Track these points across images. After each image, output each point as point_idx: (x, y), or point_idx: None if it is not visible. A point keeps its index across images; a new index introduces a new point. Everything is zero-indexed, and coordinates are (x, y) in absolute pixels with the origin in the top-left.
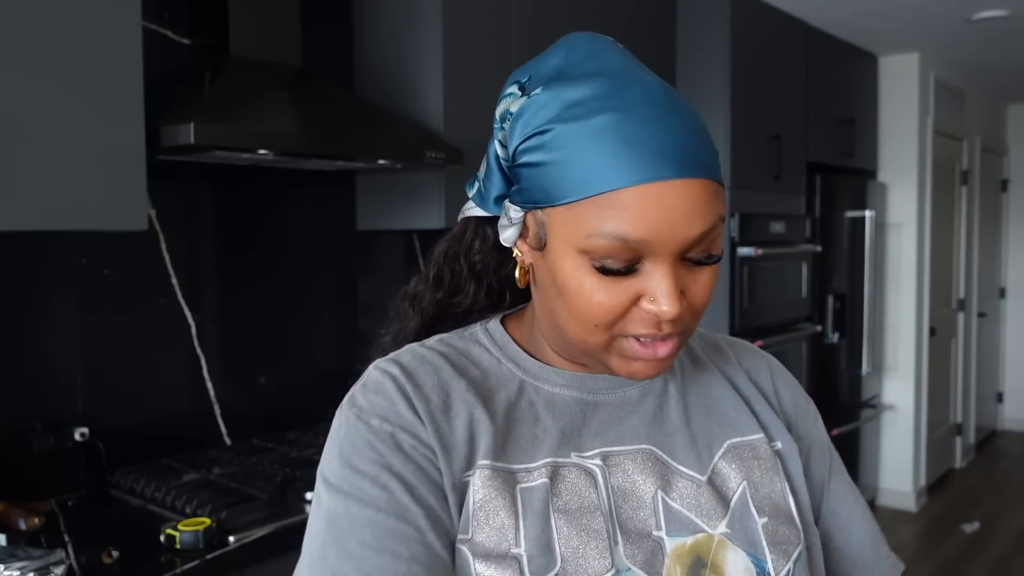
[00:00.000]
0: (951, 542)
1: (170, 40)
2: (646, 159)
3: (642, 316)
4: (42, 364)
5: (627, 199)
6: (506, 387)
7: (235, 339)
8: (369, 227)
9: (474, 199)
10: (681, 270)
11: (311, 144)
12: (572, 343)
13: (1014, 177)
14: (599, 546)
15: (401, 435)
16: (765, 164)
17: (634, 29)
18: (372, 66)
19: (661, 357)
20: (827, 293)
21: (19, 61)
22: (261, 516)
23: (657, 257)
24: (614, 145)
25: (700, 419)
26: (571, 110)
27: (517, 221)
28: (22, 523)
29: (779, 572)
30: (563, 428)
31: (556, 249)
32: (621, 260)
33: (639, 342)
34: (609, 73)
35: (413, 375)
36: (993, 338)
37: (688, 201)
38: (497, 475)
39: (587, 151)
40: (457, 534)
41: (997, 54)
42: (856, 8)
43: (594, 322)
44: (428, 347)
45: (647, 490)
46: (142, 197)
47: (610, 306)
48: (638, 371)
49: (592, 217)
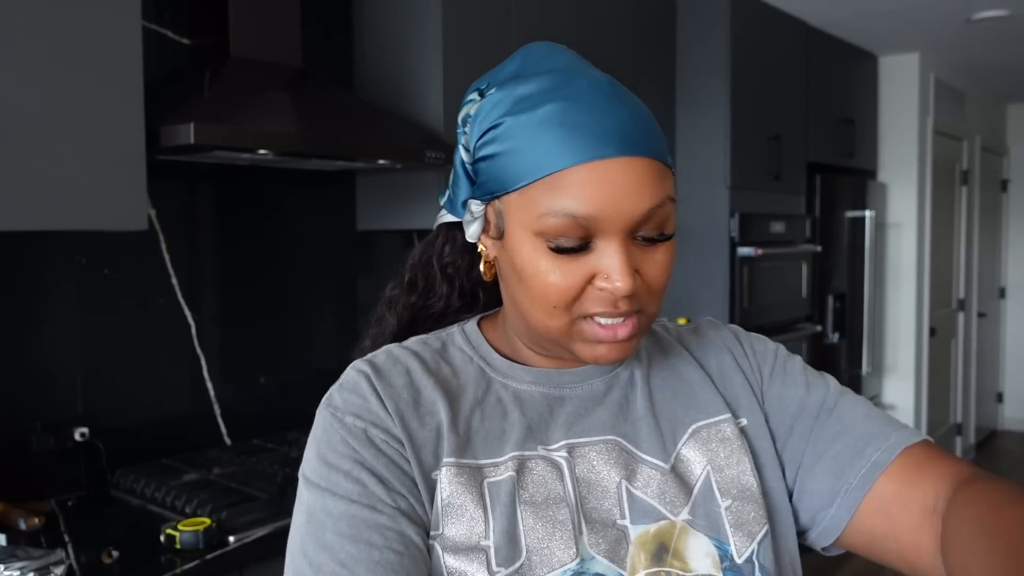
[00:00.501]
0: None
1: (170, 40)
2: (590, 140)
3: (597, 295)
4: (42, 364)
5: (574, 177)
6: (474, 385)
7: (235, 339)
8: (369, 227)
9: (445, 206)
10: (634, 248)
11: (311, 144)
12: (536, 330)
13: (1014, 177)
14: (564, 536)
15: (373, 431)
16: (765, 164)
17: (634, 29)
18: (372, 66)
19: (622, 338)
20: (827, 293)
21: (19, 61)
22: (261, 516)
23: (607, 234)
24: (560, 130)
25: (666, 405)
26: (521, 103)
27: (479, 215)
28: (22, 523)
29: (742, 553)
30: (530, 422)
31: (513, 235)
32: (573, 238)
33: (599, 325)
34: (558, 70)
35: (385, 374)
36: (993, 338)
37: (633, 177)
38: (463, 471)
39: (535, 138)
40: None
41: (997, 54)
42: (856, 8)
43: (552, 303)
44: (404, 347)
45: (612, 480)
46: (142, 197)
47: (566, 286)
48: (602, 355)
49: (543, 198)
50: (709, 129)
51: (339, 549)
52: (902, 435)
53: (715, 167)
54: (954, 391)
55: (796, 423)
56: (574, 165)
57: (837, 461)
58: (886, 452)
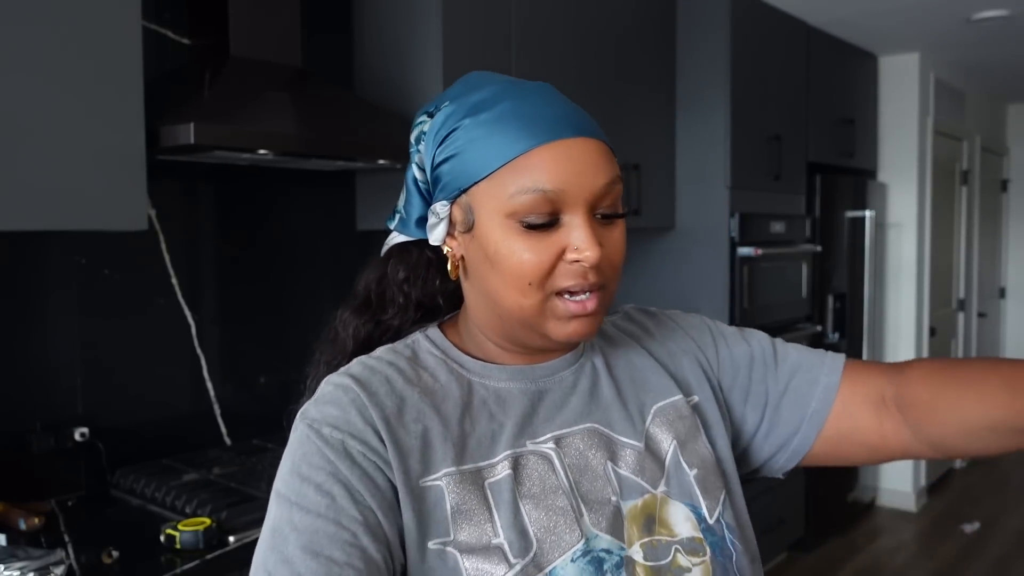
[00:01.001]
0: (951, 542)
1: (170, 40)
2: (548, 125)
3: (568, 269)
4: (42, 364)
5: (539, 157)
6: (457, 389)
7: (235, 339)
8: (369, 227)
9: (396, 228)
10: (596, 226)
11: (311, 144)
12: (510, 315)
13: (1014, 177)
14: (567, 521)
15: (351, 442)
16: (765, 164)
17: (634, 29)
18: (372, 66)
19: (591, 311)
20: (827, 293)
21: (19, 61)
22: (261, 516)
23: (573, 208)
24: (518, 121)
25: (628, 390)
26: (477, 106)
27: (444, 215)
28: (22, 523)
29: (712, 514)
30: (515, 421)
31: (484, 222)
32: (543, 214)
33: (571, 300)
34: (504, 81)
35: (366, 385)
36: (993, 338)
37: (590, 155)
38: (465, 477)
39: (497, 130)
40: (426, 537)
41: (997, 54)
42: (856, 8)
43: (527, 280)
44: (376, 358)
45: (599, 463)
46: (142, 197)
47: (539, 262)
48: (573, 331)
49: (512, 179)
50: (709, 129)
51: (299, 563)
52: (834, 357)
53: (715, 167)
54: None
55: (752, 372)
56: (537, 146)
57: (797, 393)
58: (832, 374)
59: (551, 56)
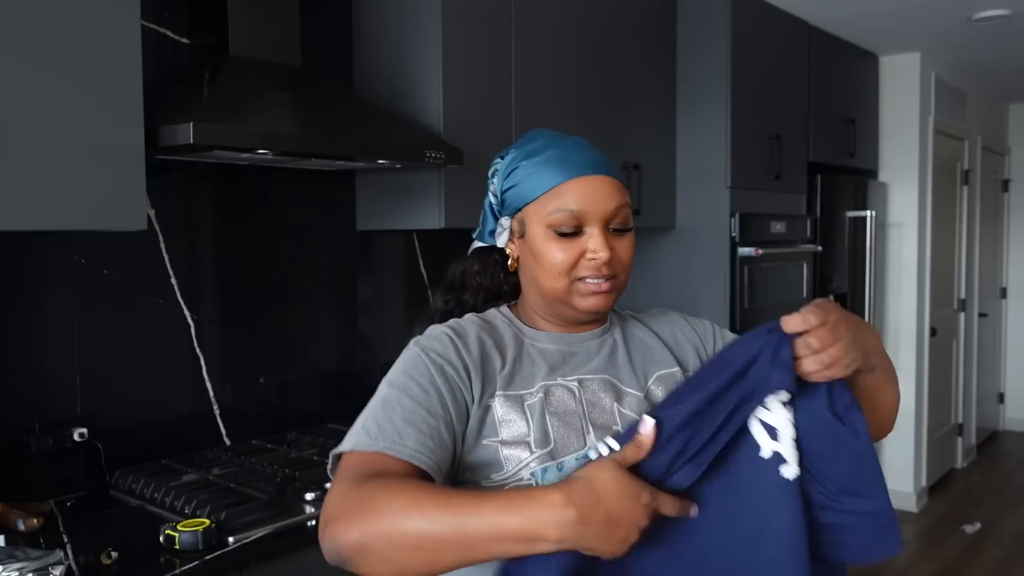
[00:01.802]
0: (952, 543)
1: (170, 40)
2: (578, 166)
3: (586, 263)
4: (41, 364)
5: (569, 187)
6: (514, 344)
7: (234, 339)
8: (369, 227)
9: (477, 238)
10: (608, 236)
11: (311, 144)
12: (548, 295)
13: (1015, 177)
14: (577, 434)
15: (447, 367)
16: (765, 164)
17: (634, 29)
18: (372, 66)
19: (604, 290)
20: (828, 293)
21: (18, 60)
22: (260, 517)
23: (591, 223)
24: (558, 163)
25: (637, 358)
26: (531, 153)
27: (506, 227)
28: (21, 524)
29: None
30: (550, 365)
31: (532, 231)
32: (570, 226)
33: (589, 283)
34: (552, 135)
35: (460, 334)
36: (994, 338)
37: (604, 186)
38: (509, 399)
39: (544, 168)
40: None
41: (998, 53)
42: (857, 7)
43: (558, 270)
44: (465, 320)
45: (608, 403)
46: (141, 197)
47: (566, 259)
48: (592, 304)
49: (551, 202)
50: (709, 129)
51: (400, 424)
52: None
53: (715, 167)
54: (955, 391)
55: None
56: (569, 180)
57: None
58: None
59: (551, 56)
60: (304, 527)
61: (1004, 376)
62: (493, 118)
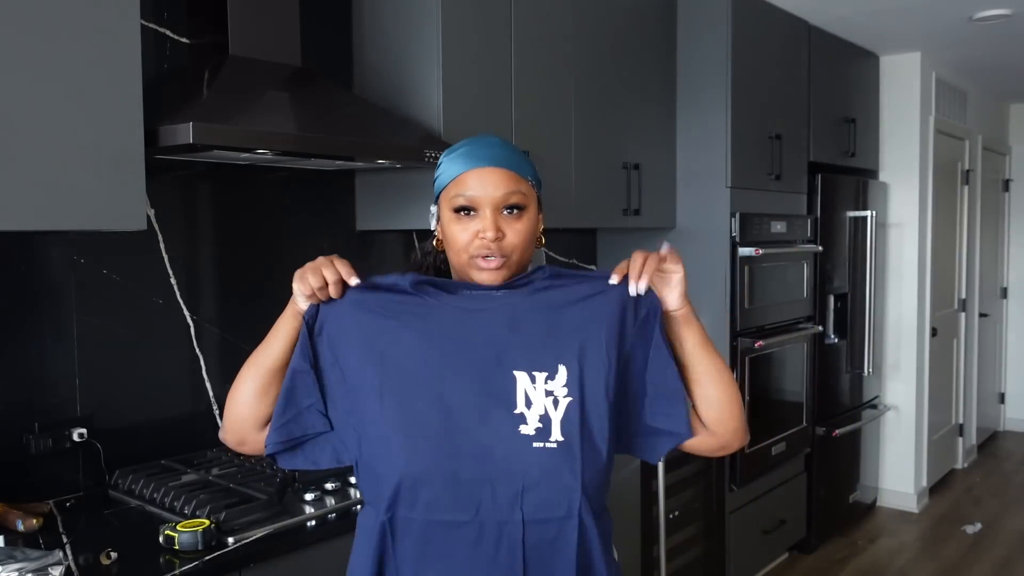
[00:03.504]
0: (953, 543)
1: (170, 40)
2: (476, 159)
3: (479, 243)
4: (40, 364)
5: (466, 176)
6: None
7: (234, 339)
8: (369, 227)
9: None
10: (500, 217)
11: (310, 144)
12: (458, 269)
13: (1016, 177)
14: None
15: None
16: (765, 164)
17: (634, 29)
18: (372, 66)
19: (493, 267)
20: (828, 293)
21: (18, 61)
22: (260, 517)
23: (484, 207)
24: (463, 157)
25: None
26: (451, 151)
27: (434, 212)
28: (20, 524)
29: None
30: None
31: (443, 215)
32: (467, 209)
33: (481, 261)
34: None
35: None
36: (995, 338)
37: (495, 177)
38: None
39: (454, 162)
40: None
41: (999, 53)
42: (857, 7)
43: (459, 247)
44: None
45: None
46: (141, 197)
47: (464, 237)
48: (485, 278)
49: (454, 189)
50: (709, 129)
51: None
52: None
53: (715, 167)
54: (956, 392)
55: None
56: (468, 170)
57: None
58: None
59: (550, 56)
60: (304, 527)
61: (1005, 376)
62: (493, 118)
